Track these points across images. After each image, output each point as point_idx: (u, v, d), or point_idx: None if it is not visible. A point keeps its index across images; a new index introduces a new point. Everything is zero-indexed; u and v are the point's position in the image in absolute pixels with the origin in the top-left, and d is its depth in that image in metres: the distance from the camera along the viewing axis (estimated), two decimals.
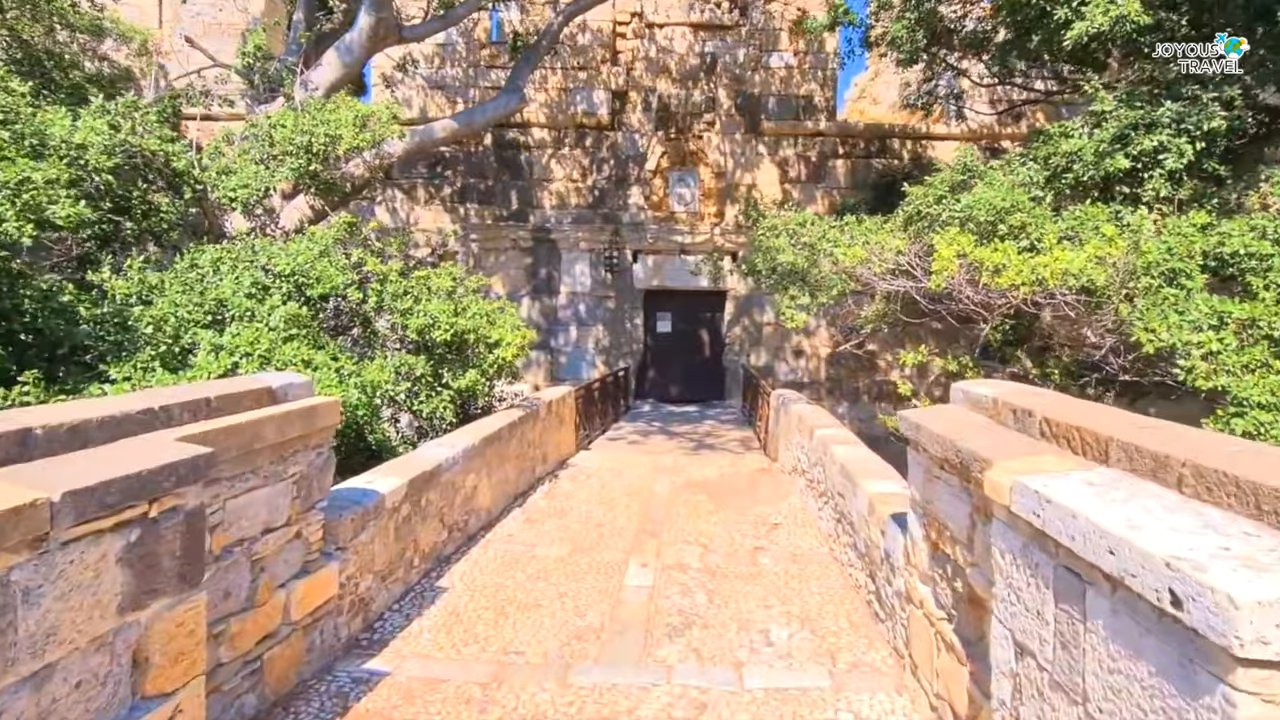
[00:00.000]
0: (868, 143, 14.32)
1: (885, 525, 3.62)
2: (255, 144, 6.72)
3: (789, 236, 8.02)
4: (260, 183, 6.44)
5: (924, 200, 6.82)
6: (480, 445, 5.61)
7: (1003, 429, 2.59)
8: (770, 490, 7.22)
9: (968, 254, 5.39)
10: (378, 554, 3.86)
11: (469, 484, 5.37)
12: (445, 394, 6.37)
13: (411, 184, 13.93)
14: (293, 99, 7.30)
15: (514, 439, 6.57)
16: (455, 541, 5.10)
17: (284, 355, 5.29)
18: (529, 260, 14.13)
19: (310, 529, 3.21)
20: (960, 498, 2.56)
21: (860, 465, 4.74)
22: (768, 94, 14.32)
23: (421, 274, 6.58)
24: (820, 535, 5.53)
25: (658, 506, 6.58)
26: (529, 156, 14.28)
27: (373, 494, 3.85)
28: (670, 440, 10.21)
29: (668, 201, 14.51)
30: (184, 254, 5.87)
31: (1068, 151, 6.18)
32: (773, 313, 14.11)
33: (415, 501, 4.36)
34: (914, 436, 2.97)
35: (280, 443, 2.95)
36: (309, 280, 5.93)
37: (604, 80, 14.26)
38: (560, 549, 5.28)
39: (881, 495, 3.99)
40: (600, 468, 8.20)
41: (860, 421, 13.45)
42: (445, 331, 6.14)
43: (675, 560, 5.04)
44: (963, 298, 5.76)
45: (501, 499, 6.22)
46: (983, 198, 5.88)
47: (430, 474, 4.61)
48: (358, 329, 6.78)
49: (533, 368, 14.25)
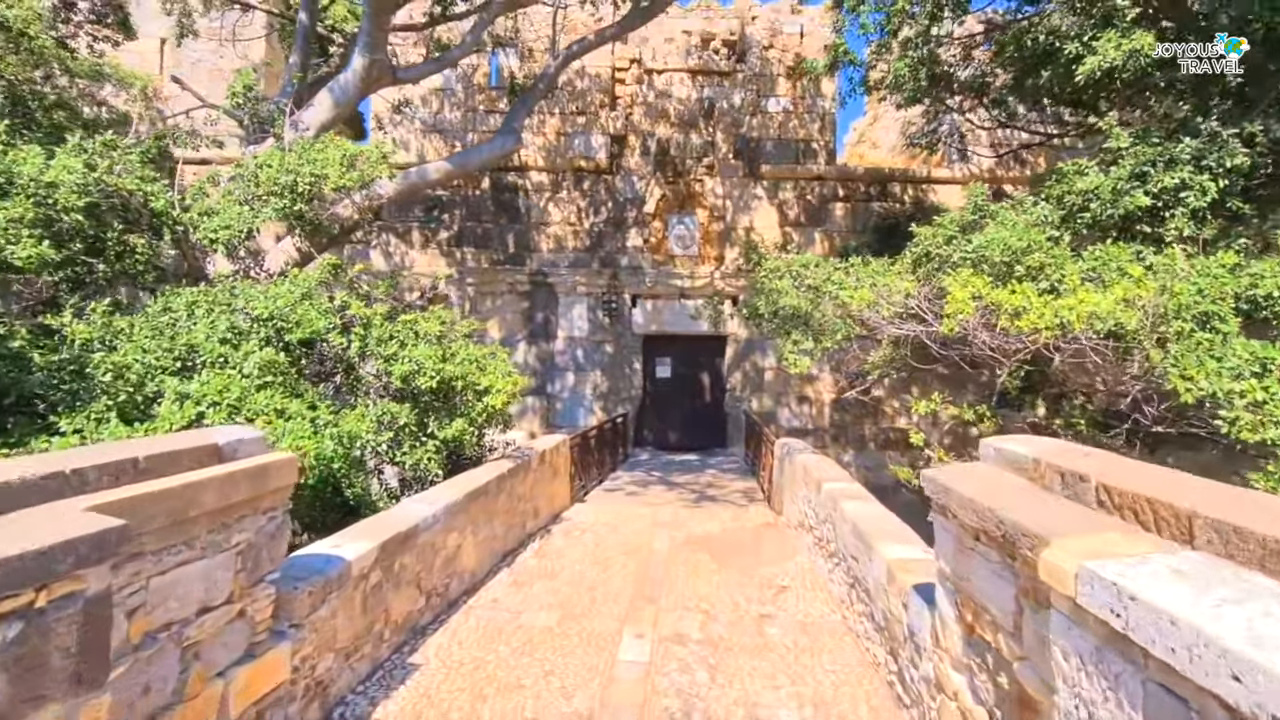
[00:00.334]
0: (867, 186, 14.25)
1: (908, 598, 3.23)
2: (240, 184, 6.52)
3: (792, 279, 7.76)
4: (243, 224, 6.20)
5: (933, 241, 6.57)
6: (464, 501, 5.23)
7: (1049, 495, 2.23)
8: (776, 547, 6.79)
9: (984, 296, 5.10)
10: (341, 629, 3.45)
11: (451, 544, 4.97)
12: (430, 444, 6.01)
13: (407, 228, 13.80)
14: (282, 139, 7.13)
15: (503, 493, 6.18)
16: (434, 609, 4.67)
17: (256, 404, 4.96)
18: (526, 304, 13.90)
19: (257, 605, 2.83)
20: (1003, 577, 2.19)
21: (874, 525, 4.35)
22: (766, 138, 14.30)
23: (408, 318, 6.29)
24: (832, 600, 5.10)
25: (656, 566, 6.15)
26: (526, 200, 14.18)
27: (337, 561, 3.47)
28: (670, 491, 9.79)
29: (666, 244, 14.37)
30: (160, 297, 5.59)
31: (1084, 190, 5.95)
32: (775, 358, 13.81)
33: (387, 567, 3.96)
34: (942, 500, 2.61)
35: (222, 508, 2.59)
36: (288, 325, 5.63)
37: (602, 124, 14.26)
38: (549, 616, 4.85)
39: (901, 562, 3.60)
40: (595, 522, 7.77)
41: (867, 470, 13.02)
42: (431, 378, 5.81)
43: (674, 630, 4.61)
44: (977, 342, 5.45)
45: (488, 558, 5.80)
46: (996, 238, 5.62)
47: (406, 535, 4.23)
48: (341, 376, 6.46)
49: (529, 414, 13.90)
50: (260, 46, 13.35)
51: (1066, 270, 5.33)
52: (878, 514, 4.65)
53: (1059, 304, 4.74)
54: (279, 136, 7.26)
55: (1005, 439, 2.71)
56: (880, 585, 3.76)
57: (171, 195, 6.02)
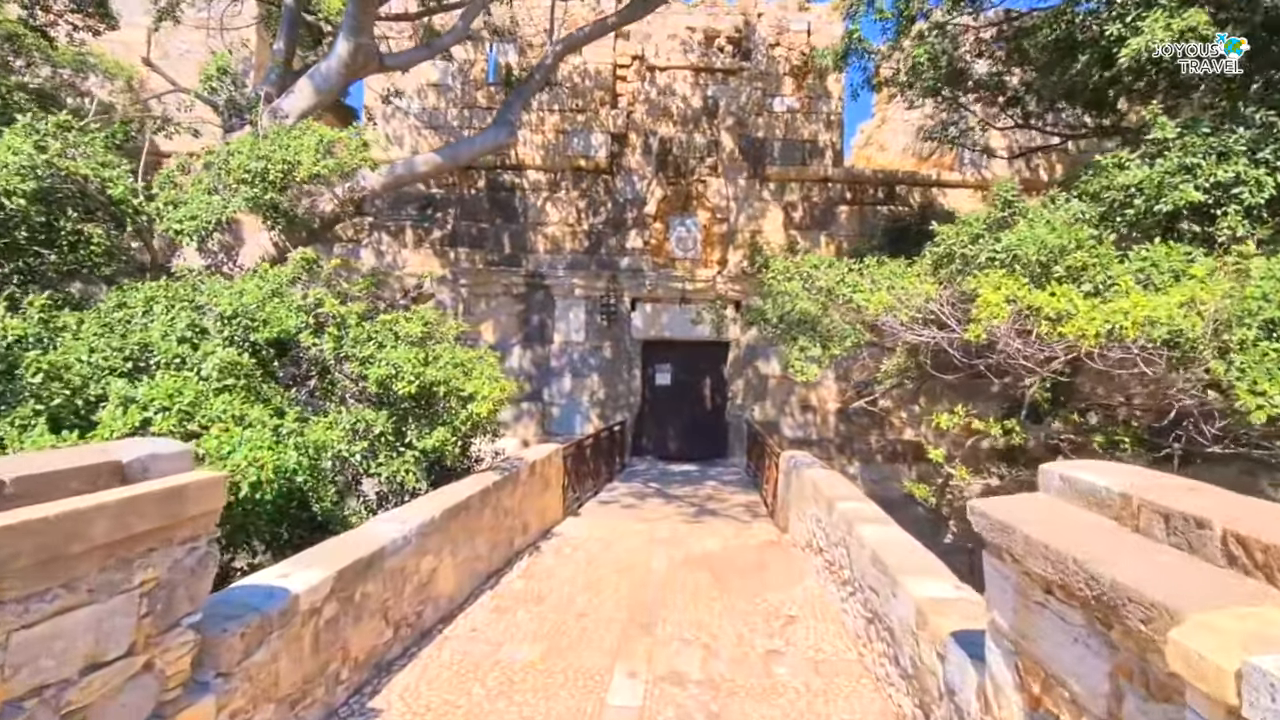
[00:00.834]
0: (876, 189, 13.81)
1: (946, 648, 2.75)
2: (211, 173, 6.07)
3: (802, 281, 7.29)
4: (211, 214, 5.75)
5: (957, 240, 6.10)
6: (441, 519, 4.75)
7: (1151, 545, 1.76)
8: (782, 570, 6.31)
9: (1019, 299, 4.63)
10: (284, 674, 2.97)
11: (425, 568, 4.49)
12: (409, 455, 5.54)
13: (400, 226, 13.36)
14: (260, 125, 6.69)
15: (487, 508, 5.70)
16: (403, 641, 4.19)
17: (212, 410, 4.49)
18: (521, 307, 13.44)
19: (171, 656, 2.35)
20: (1090, 646, 1.72)
21: (898, 555, 3.87)
22: (772, 138, 13.87)
23: (388, 318, 5.83)
24: (846, 635, 4.61)
25: (652, 589, 5.67)
26: (523, 199, 13.74)
27: (280, 594, 2.99)
28: (668, 504, 9.31)
29: (667, 247, 13.92)
30: (116, 291, 5.12)
31: (1125, 184, 5.49)
32: (778, 364, 13.35)
33: (346, 597, 3.49)
34: (999, 541, 2.14)
35: (120, 540, 2.12)
36: (255, 323, 5.17)
37: (603, 122, 13.84)
38: (532, 649, 4.36)
39: (934, 603, 3.12)
40: (589, 538, 7.29)
41: (874, 483, 12.54)
42: (410, 383, 5.35)
43: (670, 668, 4.12)
44: (1008, 350, 4.99)
45: (469, 580, 5.32)
46: (1030, 236, 5.15)
47: (370, 560, 3.75)
48: (316, 380, 6.00)
49: (524, 419, 13.42)
50: (251, 38, 12.94)
51: (1113, 271, 4.85)
52: (900, 541, 4.18)
53: (1109, 308, 4.26)
54: (255, 124, 6.82)
55: (1075, 466, 2.24)
56: (907, 627, 3.28)
57: (133, 182, 5.57)
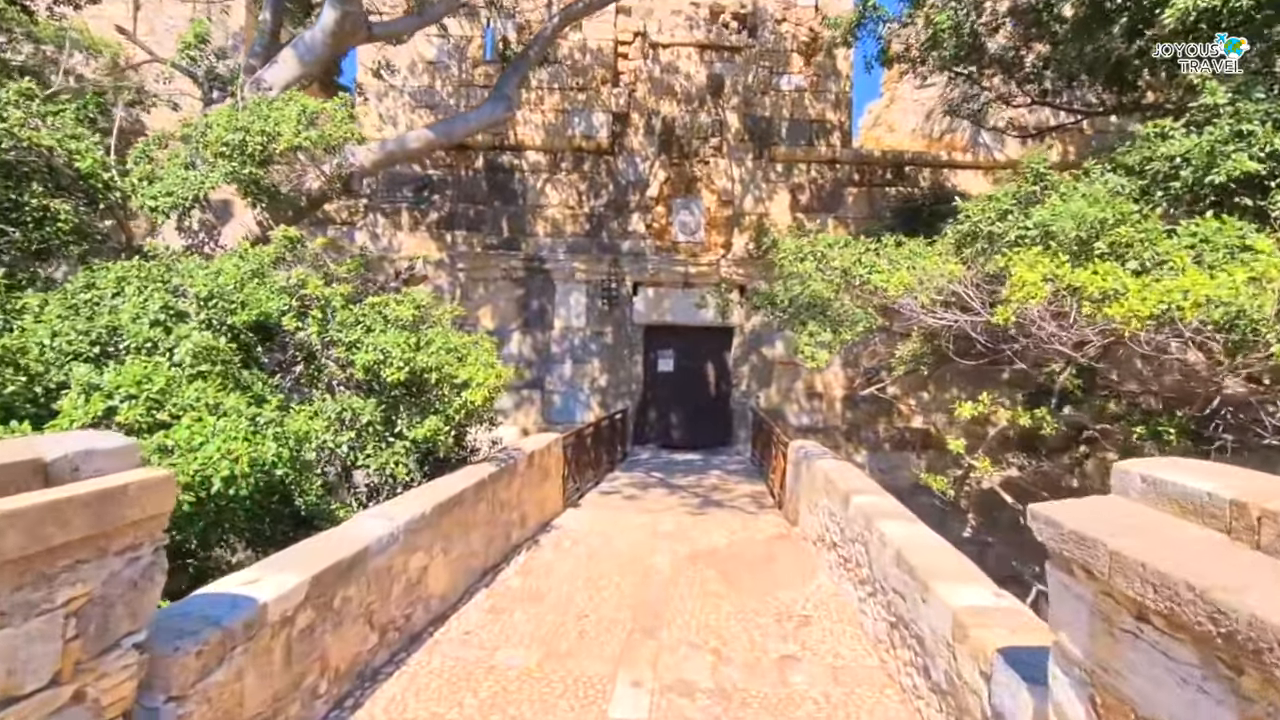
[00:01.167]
0: (885, 171, 13.41)
1: (994, 668, 2.44)
2: (188, 146, 5.72)
3: (816, 261, 6.93)
4: (188, 190, 5.41)
5: (983, 216, 5.74)
6: (433, 514, 4.45)
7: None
8: (792, 565, 6.01)
9: (1059, 278, 4.28)
10: (251, 692, 2.67)
11: (414, 566, 4.19)
12: (399, 446, 5.23)
13: (395, 209, 12.98)
14: (240, 97, 6.32)
15: (482, 502, 5.40)
16: (390, 646, 3.89)
17: (184, 398, 4.17)
18: (520, 292, 13.09)
19: (108, 682, 2.04)
20: (1208, 692, 1.40)
21: (927, 557, 3.56)
22: (778, 117, 13.46)
23: (376, 300, 5.50)
24: (865, 638, 4.31)
25: (656, 587, 5.37)
26: (522, 181, 13.35)
27: (246, 604, 2.68)
28: (672, 495, 9.01)
29: (670, 230, 13.54)
30: (84, 271, 4.79)
31: (1170, 155, 5.11)
32: (784, 350, 13.02)
33: (324, 603, 3.18)
34: (1072, 553, 1.82)
35: (39, 553, 1.81)
36: (233, 305, 4.84)
37: (604, 102, 13.42)
38: (528, 654, 4.07)
39: (975, 613, 2.81)
40: (590, 531, 6.99)
41: (881, 472, 12.24)
42: (399, 369, 5.03)
43: (678, 676, 3.83)
44: (1042, 334, 4.64)
45: (463, 578, 5.02)
46: (1068, 210, 4.78)
47: (352, 561, 3.45)
48: (302, 366, 5.68)
49: (524, 407, 13.12)
50: (240, 12, 12.51)
51: (1161, 248, 4.50)
52: (927, 541, 3.86)
53: (1163, 287, 3.92)
54: (235, 95, 6.44)
55: (1157, 465, 1.91)
56: (942, 638, 2.97)
57: (103, 155, 5.22)
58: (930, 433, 13.18)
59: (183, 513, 3.66)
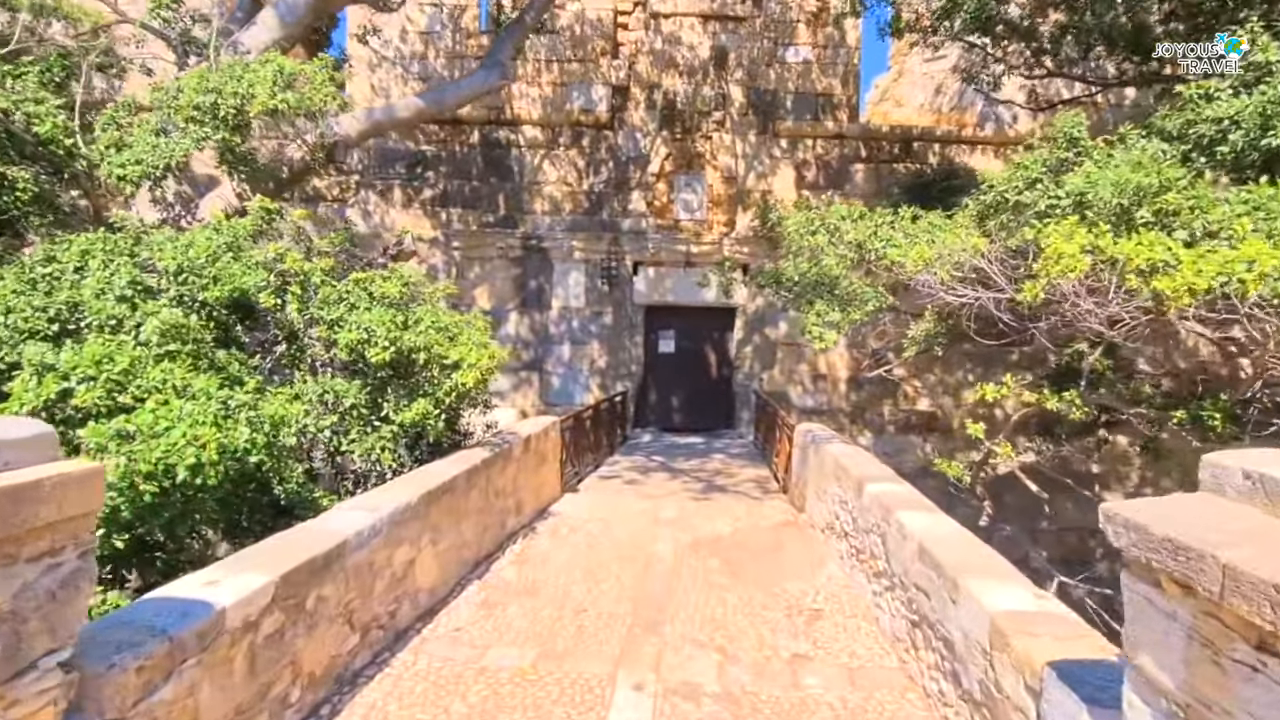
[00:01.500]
0: (892, 146, 12.99)
1: (1045, 684, 2.16)
2: (159, 111, 5.36)
3: (828, 235, 6.57)
4: (159, 158, 5.07)
5: (1009, 186, 5.37)
6: (420, 504, 4.16)
7: None
8: (800, 554, 5.74)
9: (1100, 250, 3.95)
10: (208, 707, 2.39)
11: (399, 560, 3.91)
12: (385, 430, 4.93)
13: (388, 185, 12.59)
14: (215, 61, 5.93)
15: (475, 489, 5.11)
16: (373, 646, 3.62)
17: (150, 379, 3.86)
18: (517, 271, 12.73)
19: (22, 710, 1.75)
20: None
21: (955, 552, 3.27)
22: (784, 91, 13.01)
23: (361, 276, 5.17)
24: (881, 635, 4.05)
25: (658, 578, 5.11)
26: (519, 157, 12.94)
27: (200, 610, 2.39)
28: (673, 479, 8.74)
29: (672, 208, 13.15)
30: (43, 244, 4.46)
31: (1217, 118, 4.75)
32: (787, 331, 12.71)
33: (294, 604, 2.90)
34: (1162, 562, 1.52)
35: None
36: (204, 280, 4.51)
37: (603, 74, 12.98)
38: (523, 654, 3.80)
39: (1015, 618, 2.52)
40: (589, 517, 6.72)
41: (887, 455, 11.93)
42: (384, 349, 4.71)
43: (682, 678, 3.56)
44: (1076, 311, 4.31)
45: (455, 570, 4.75)
46: (1107, 177, 4.43)
47: (328, 557, 3.16)
48: (284, 346, 5.36)
49: (522, 389, 12.82)
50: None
51: (1213, 215, 4.16)
52: (952, 534, 3.57)
53: (1223, 257, 3.59)
54: (207, 58, 6.05)
55: (1261, 459, 1.61)
56: (976, 644, 2.69)
57: (65, 120, 4.87)
58: (936, 415, 12.91)
59: (145, 504, 3.37)
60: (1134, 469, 12.74)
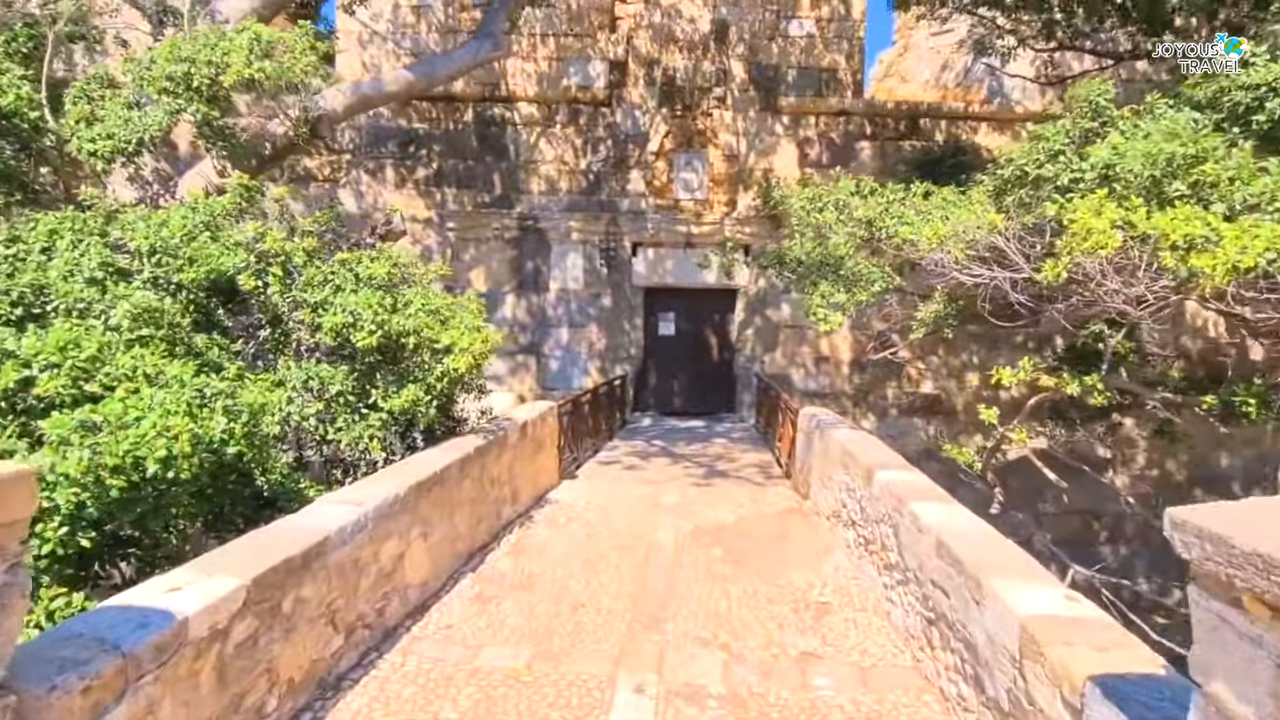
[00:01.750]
0: (898, 123, 12.66)
1: (1087, 701, 1.96)
2: (131, 84, 5.09)
3: (837, 211, 6.30)
4: (131, 133, 4.81)
5: (1029, 159, 5.10)
6: (410, 495, 3.96)
7: None
8: (805, 543, 5.56)
9: (1132, 225, 3.71)
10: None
11: (387, 555, 3.72)
12: (373, 418, 4.72)
13: (380, 165, 12.28)
14: (190, 30, 5.63)
15: (468, 478, 4.92)
16: (359, 646, 3.44)
17: (119, 366, 3.64)
18: (514, 253, 12.46)
19: None
20: None
21: (977, 548, 3.07)
22: (786, 66, 12.66)
23: (347, 256, 4.93)
24: (894, 630, 3.86)
25: (660, 569, 4.93)
26: (514, 135, 12.62)
27: (159, 620, 2.19)
28: (674, 465, 8.55)
29: (672, 188, 12.85)
30: (7, 224, 4.22)
31: (1254, 84, 4.47)
32: (789, 313, 12.47)
33: (269, 608, 2.70)
34: (1249, 581, 1.31)
35: None
36: (179, 261, 4.28)
37: (601, 50, 12.61)
38: (517, 653, 3.62)
39: (1048, 623, 2.32)
40: (587, 504, 6.54)
41: (890, 439, 11.71)
42: (370, 334, 4.49)
43: (686, 678, 3.38)
44: (1103, 292, 4.07)
45: (448, 562, 4.57)
46: (1137, 148, 4.15)
47: (307, 556, 2.96)
48: (268, 331, 5.14)
49: (519, 373, 12.60)
50: None
51: (1255, 187, 3.91)
52: (970, 527, 3.37)
53: (1271, 232, 3.34)
54: (180, 27, 5.75)
55: None
56: (1003, 649, 2.49)
57: (29, 92, 4.60)
58: (940, 398, 12.71)
59: (113, 499, 3.17)
60: (1140, 452, 12.58)
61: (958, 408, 12.61)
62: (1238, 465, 12.27)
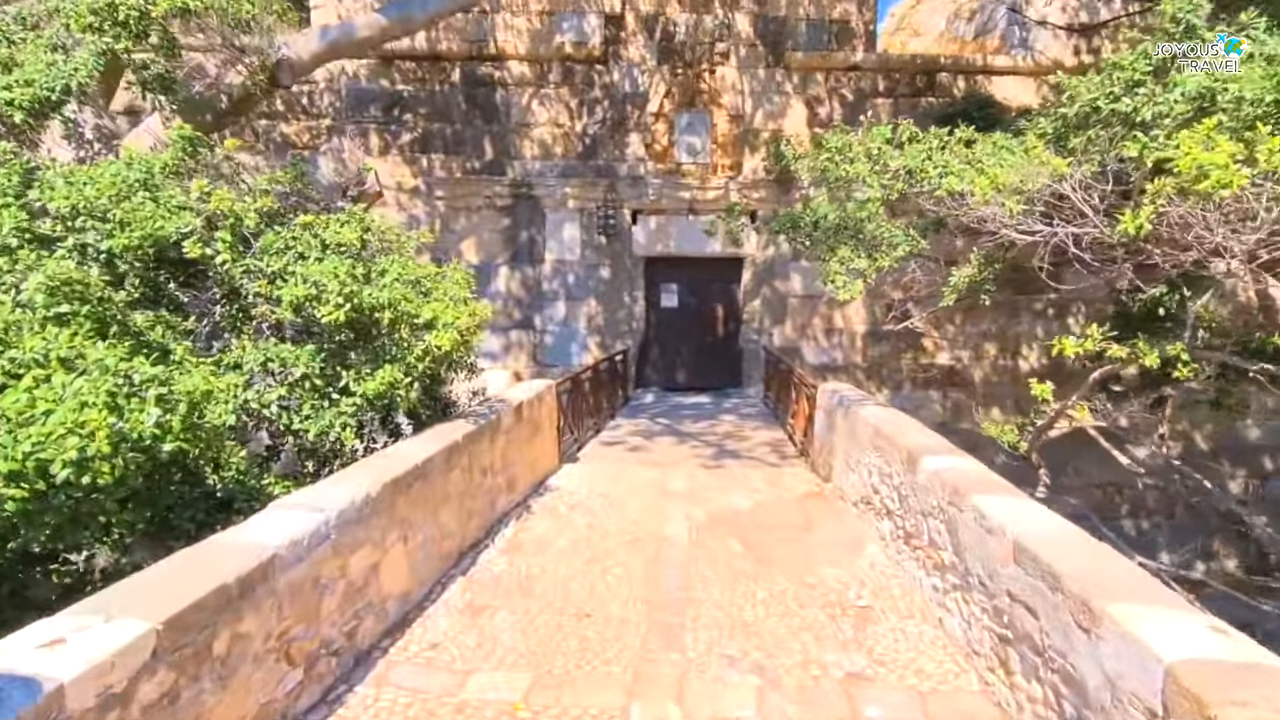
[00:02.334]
0: (913, 77, 11.89)
1: None
2: (54, 25, 4.42)
3: (870, 162, 5.63)
4: (53, 78, 4.15)
5: (1101, 93, 4.42)
6: (384, 495, 3.39)
7: None
8: (833, 534, 5.02)
9: (1255, 160, 3.10)
10: None
11: (357, 567, 3.15)
12: (345, 404, 4.13)
13: (362, 129, 11.53)
14: None
15: (455, 469, 4.35)
16: (323, 679, 2.88)
17: (28, 349, 3.04)
18: (507, 221, 11.77)
19: None
20: None
21: (1074, 559, 2.49)
22: (794, 19, 11.86)
23: (311, 219, 4.31)
24: (950, 643, 3.32)
25: (673, 567, 4.38)
26: (505, 96, 11.84)
27: (19, 694, 1.62)
28: (681, 445, 8.00)
29: (673, 151, 12.12)
30: None
31: None
32: (800, 282, 11.84)
33: (194, 654, 2.13)
34: None
35: None
36: (111, 225, 3.65)
37: (596, 2, 11.79)
38: (512, 680, 3.07)
39: (1207, 674, 1.75)
40: (590, 492, 6.00)
41: (905, 412, 11.22)
42: (337, 307, 3.88)
43: (713, 712, 2.83)
44: (1211, 242, 3.47)
45: (433, 567, 4.01)
46: (1254, 72, 3.51)
47: (246, 582, 2.39)
48: (223, 306, 4.53)
49: (514, 350, 11.99)
50: None
51: None
52: (1063, 532, 2.79)
53: None
54: None
55: None
56: (1134, 700, 1.93)
57: None
58: (955, 369, 12.15)
59: (11, 511, 2.59)
60: (1161, 423, 12.07)
61: (975, 379, 12.05)
62: (1262, 435, 11.77)
